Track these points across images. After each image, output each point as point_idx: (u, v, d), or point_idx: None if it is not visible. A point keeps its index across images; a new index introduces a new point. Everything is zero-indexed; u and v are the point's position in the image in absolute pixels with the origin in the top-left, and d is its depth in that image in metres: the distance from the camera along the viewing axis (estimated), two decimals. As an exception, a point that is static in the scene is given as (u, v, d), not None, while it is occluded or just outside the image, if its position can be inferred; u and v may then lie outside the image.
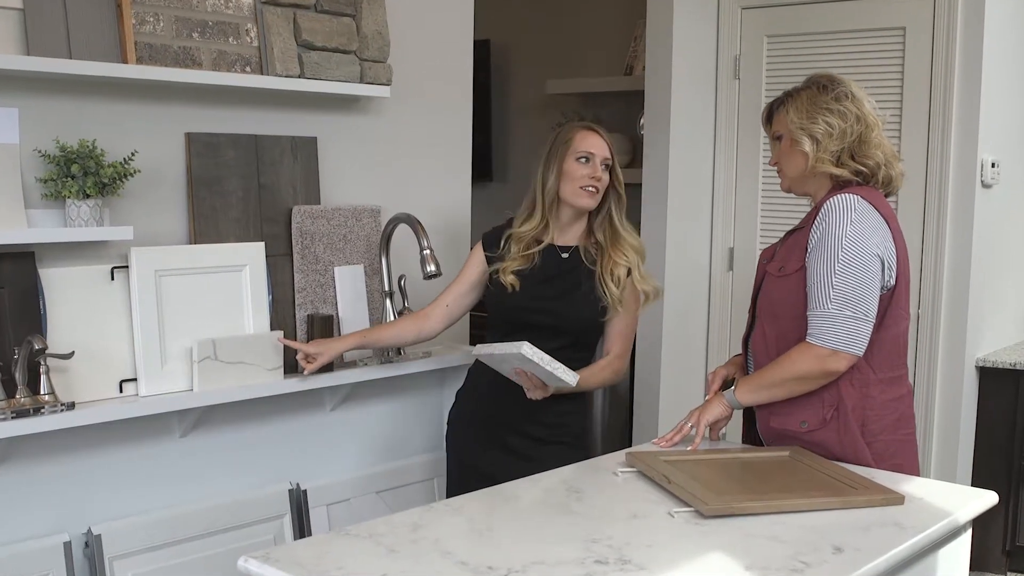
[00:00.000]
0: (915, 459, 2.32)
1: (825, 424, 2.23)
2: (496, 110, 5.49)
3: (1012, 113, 3.87)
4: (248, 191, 2.75)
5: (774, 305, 2.32)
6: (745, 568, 1.63)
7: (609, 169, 2.63)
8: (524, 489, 2.05)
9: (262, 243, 2.73)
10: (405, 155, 3.18)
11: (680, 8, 4.06)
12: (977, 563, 3.46)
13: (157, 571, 2.53)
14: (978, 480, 3.75)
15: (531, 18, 5.34)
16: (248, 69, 2.70)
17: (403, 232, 2.98)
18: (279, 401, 2.78)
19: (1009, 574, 3.81)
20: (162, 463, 2.60)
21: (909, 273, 2.30)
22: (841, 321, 2.15)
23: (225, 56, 2.66)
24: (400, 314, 2.99)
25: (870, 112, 2.29)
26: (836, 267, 2.16)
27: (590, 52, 5.14)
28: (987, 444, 3.80)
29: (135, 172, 2.46)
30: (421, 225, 2.90)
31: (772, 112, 2.39)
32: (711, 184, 4.16)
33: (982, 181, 3.65)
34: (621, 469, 2.14)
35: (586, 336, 2.63)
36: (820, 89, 2.29)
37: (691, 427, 2.32)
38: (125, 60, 2.44)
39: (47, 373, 2.29)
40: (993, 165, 3.67)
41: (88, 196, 2.36)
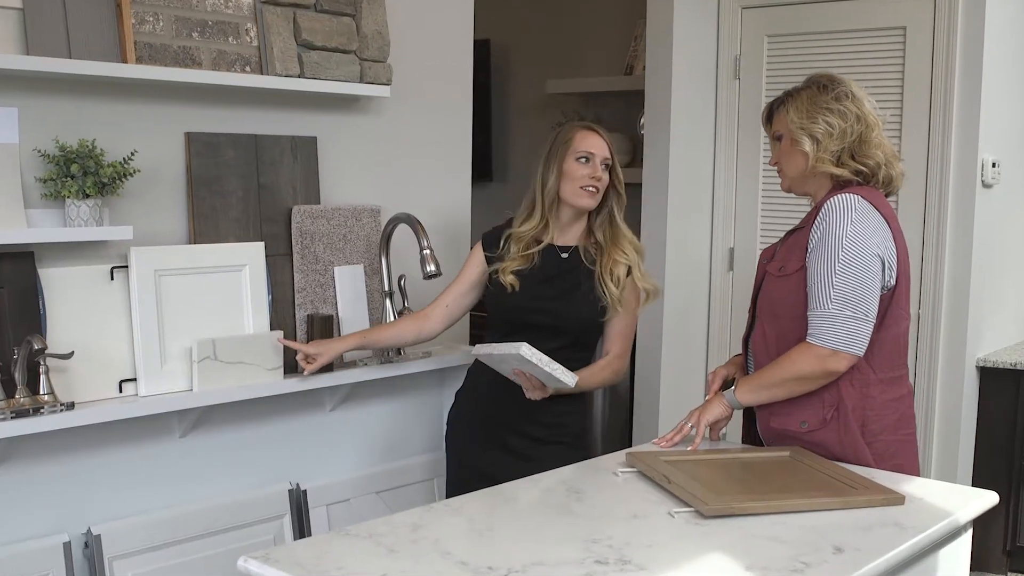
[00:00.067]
0: (915, 459, 2.31)
1: (825, 424, 2.23)
2: (496, 110, 5.49)
3: (1013, 113, 3.86)
4: (248, 191, 2.75)
5: (774, 305, 2.32)
6: (745, 568, 1.63)
7: (609, 169, 2.62)
8: (524, 489, 2.05)
9: (262, 243, 2.73)
10: (405, 155, 3.17)
11: (680, 8, 4.06)
12: (978, 563, 3.45)
13: (157, 571, 2.53)
14: (979, 480, 3.75)
15: (531, 18, 5.34)
16: (248, 69, 2.70)
17: (403, 232, 2.98)
18: (279, 401, 2.78)
19: (1010, 574, 3.80)
20: (162, 463, 2.60)
21: (909, 273, 2.29)
22: (841, 321, 2.15)
23: (225, 56, 2.65)
24: (400, 314, 2.99)
25: (870, 112, 2.28)
26: (837, 267, 2.16)
27: (590, 52, 5.14)
28: (988, 444, 3.80)
29: (135, 172, 2.46)
30: (421, 225, 2.90)
31: (772, 112, 2.39)
32: (711, 184, 4.16)
33: (983, 181, 3.64)
34: (621, 469, 2.13)
35: (586, 336, 2.63)
36: (820, 89, 2.29)
37: (691, 427, 2.31)
38: (125, 60, 2.44)
39: (47, 373, 2.29)
40: (994, 165, 3.67)
41: (88, 196, 2.36)
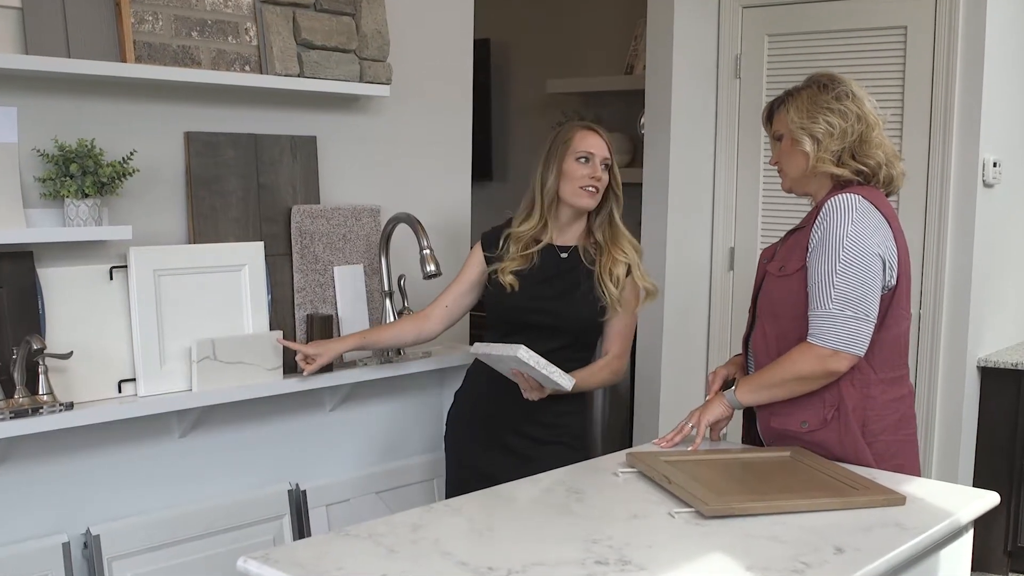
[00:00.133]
0: (916, 459, 2.31)
1: (826, 424, 2.22)
2: (496, 109, 5.49)
3: (1014, 112, 3.86)
4: (247, 190, 2.74)
5: (774, 305, 2.31)
6: (746, 569, 1.62)
7: (608, 169, 2.62)
8: (524, 489, 2.04)
9: (261, 243, 2.73)
10: (405, 154, 3.17)
11: (681, 7, 4.06)
12: (979, 564, 3.45)
13: (156, 572, 2.53)
14: (980, 480, 3.74)
15: (531, 17, 5.33)
16: (247, 68, 2.69)
17: (403, 232, 2.97)
18: (278, 401, 2.77)
19: (1011, 575, 3.80)
20: (161, 463, 2.60)
21: (910, 273, 2.29)
22: (842, 321, 2.14)
23: (224, 55, 2.65)
24: (400, 314, 2.99)
25: (871, 111, 2.28)
26: (837, 267, 2.15)
27: (590, 51, 5.13)
28: (989, 444, 3.79)
29: (134, 171, 2.45)
30: (421, 225, 2.89)
31: (772, 111, 2.39)
32: (712, 183, 4.15)
33: (983, 180, 3.64)
34: (621, 469, 2.13)
35: (585, 336, 2.63)
36: (821, 88, 2.29)
37: (692, 427, 2.31)
38: (124, 59, 2.44)
39: (46, 373, 2.28)
40: (995, 164, 3.67)
41: (87, 196, 2.35)
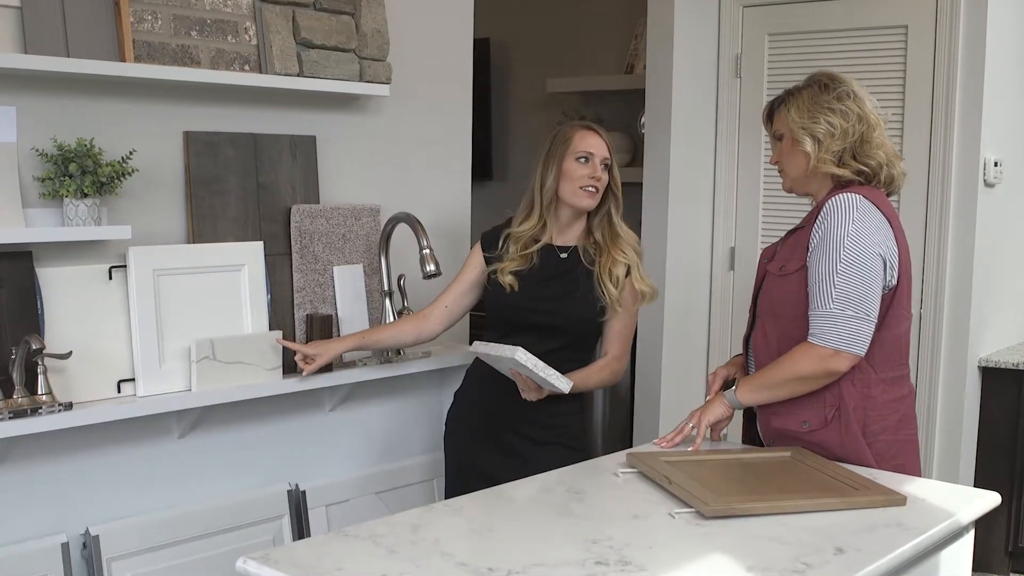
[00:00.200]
0: (917, 460, 2.31)
1: (827, 424, 2.22)
2: (496, 109, 5.48)
3: (1015, 112, 3.85)
4: (247, 190, 2.74)
5: (775, 304, 2.31)
6: (746, 569, 1.62)
7: (608, 169, 2.61)
8: (524, 490, 2.04)
9: (261, 242, 2.72)
10: (405, 154, 3.17)
11: (681, 6, 4.05)
12: (980, 564, 3.45)
13: (155, 572, 2.52)
14: (980, 481, 3.74)
15: (531, 16, 5.33)
16: (247, 67, 2.69)
17: (402, 231, 2.97)
18: (278, 401, 2.77)
19: (1012, 575, 3.80)
20: (160, 464, 2.60)
21: (911, 273, 2.29)
22: (843, 321, 2.14)
23: (224, 54, 2.65)
24: (400, 314, 2.98)
25: (872, 111, 2.27)
26: (838, 267, 2.15)
27: (591, 50, 5.13)
28: (990, 444, 3.79)
29: (133, 171, 2.45)
30: (420, 224, 2.89)
31: (773, 110, 2.38)
32: (712, 183, 4.15)
33: (984, 180, 3.63)
34: (622, 470, 2.13)
35: (585, 336, 2.62)
36: (822, 88, 2.28)
37: (692, 428, 2.31)
38: (123, 58, 2.43)
39: (44, 373, 2.28)
40: (996, 164, 3.66)
41: (86, 195, 2.35)
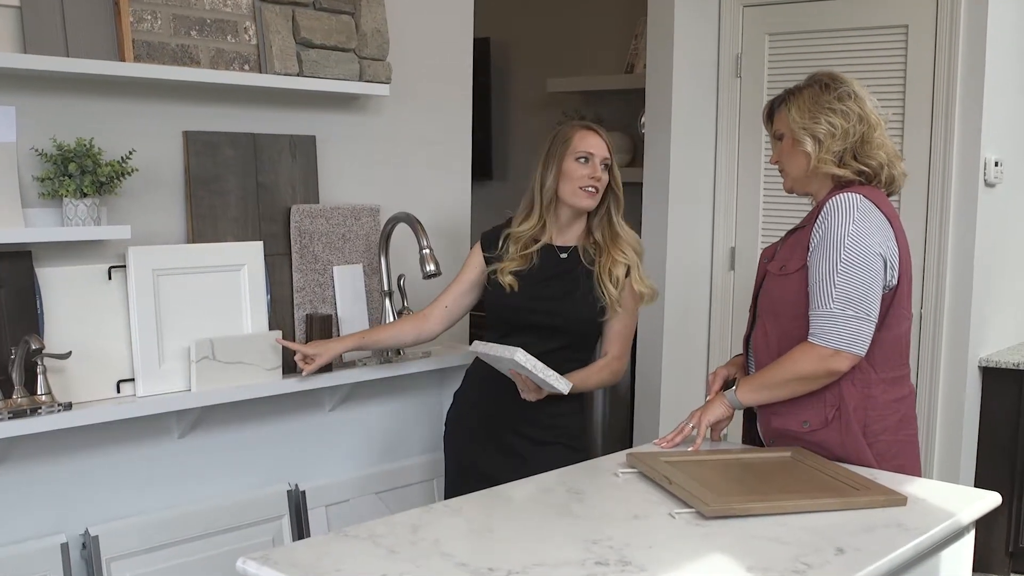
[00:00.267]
0: (917, 460, 2.30)
1: (827, 424, 2.22)
2: (496, 108, 5.48)
3: (1015, 111, 3.85)
4: (246, 190, 2.74)
5: (775, 304, 2.31)
6: (747, 569, 1.62)
7: (608, 169, 2.61)
8: (524, 490, 2.04)
9: (260, 242, 2.72)
10: (404, 154, 3.16)
11: (681, 6, 4.05)
12: (980, 564, 3.44)
13: (155, 572, 2.52)
14: (981, 481, 3.73)
15: (531, 16, 5.33)
16: (246, 67, 2.69)
17: (402, 231, 2.96)
18: (278, 401, 2.77)
19: (1012, 575, 3.79)
20: (160, 464, 2.59)
21: (911, 273, 2.28)
22: (843, 321, 2.14)
23: (223, 54, 2.64)
24: (399, 314, 2.98)
25: (872, 111, 2.27)
26: (838, 267, 2.15)
27: (591, 50, 5.13)
28: (990, 445, 3.78)
29: (133, 171, 2.45)
30: (420, 224, 2.89)
31: (773, 110, 2.38)
32: (712, 183, 4.14)
33: (985, 180, 3.63)
34: (622, 470, 2.12)
35: (584, 337, 2.62)
36: (822, 88, 2.28)
37: (692, 428, 2.30)
38: (123, 58, 2.43)
39: (44, 373, 2.28)
40: (996, 164, 3.66)
41: (85, 195, 2.35)
